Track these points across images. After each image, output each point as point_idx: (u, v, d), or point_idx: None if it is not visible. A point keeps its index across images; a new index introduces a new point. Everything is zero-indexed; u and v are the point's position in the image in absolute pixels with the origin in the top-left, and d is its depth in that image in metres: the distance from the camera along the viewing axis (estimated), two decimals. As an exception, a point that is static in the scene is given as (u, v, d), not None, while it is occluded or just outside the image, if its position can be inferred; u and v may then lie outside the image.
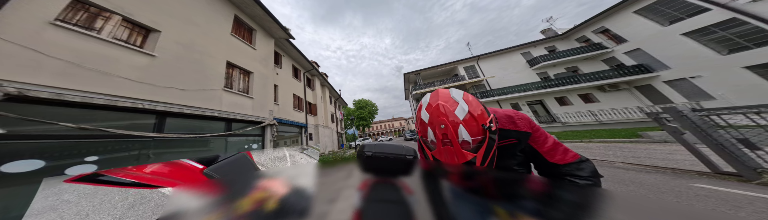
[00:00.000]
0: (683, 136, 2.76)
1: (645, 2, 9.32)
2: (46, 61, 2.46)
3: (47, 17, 2.58)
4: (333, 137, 15.69)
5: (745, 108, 2.27)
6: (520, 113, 0.72)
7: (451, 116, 0.50)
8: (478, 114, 0.52)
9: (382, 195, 0.64)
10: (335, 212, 0.46)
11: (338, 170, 0.81)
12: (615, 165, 3.41)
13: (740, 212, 1.67)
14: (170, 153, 3.46)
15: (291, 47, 9.70)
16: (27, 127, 2.22)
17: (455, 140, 0.50)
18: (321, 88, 15.51)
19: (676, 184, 2.35)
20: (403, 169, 0.72)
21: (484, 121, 0.51)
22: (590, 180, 0.63)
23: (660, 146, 4.83)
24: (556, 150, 0.67)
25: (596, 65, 12.00)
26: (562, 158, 0.66)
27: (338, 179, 0.71)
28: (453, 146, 0.50)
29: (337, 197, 0.56)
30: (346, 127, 26.87)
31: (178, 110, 3.64)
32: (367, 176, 0.77)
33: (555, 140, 0.70)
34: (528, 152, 0.71)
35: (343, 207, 0.48)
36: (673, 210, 0.29)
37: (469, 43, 22.18)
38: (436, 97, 0.56)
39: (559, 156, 0.67)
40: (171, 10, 4.17)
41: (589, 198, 0.44)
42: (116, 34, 3.29)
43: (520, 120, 0.69)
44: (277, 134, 6.69)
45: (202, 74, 4.44)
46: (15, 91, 2.13)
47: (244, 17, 6.49)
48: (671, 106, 2.65)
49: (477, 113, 0.52)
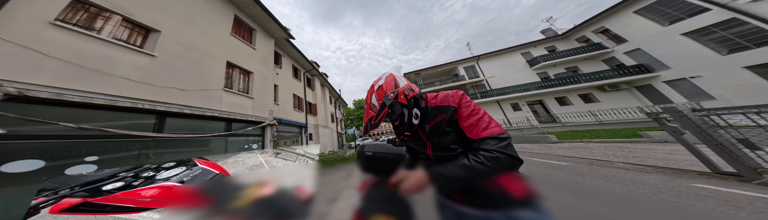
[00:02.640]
0: (683, 136, 2.76)
1: (645, 2, 9.33)
2: (46, 61, 2.46)
3: (47, 17, 2.58)
4: (333, 137, 15.69)
5: (745, 108, 2.27)
6: (458, 91, 0.75)
7: (371, 89, 0.74)
8: (385, 88, 0.69)
9: (382, 195, 0.64)
10: (335, 212, 0.46)
11: (338, 170, 0.81)
12: (615, 165, 3.41)
13: (740, 212, 1.67)
14: (170, 153, 3.46)
15: (291, 47, 9.71)
16: (27, 127, 2.22)
17: (368, 102, 0.70)
18: (321, 88, 15.51)
19: (676, 184, 2.34)
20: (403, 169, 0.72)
21: (387, 92, 0.68)
22: (486, 155, 0.55)
23: (660, 146, 4.83)
24: (477, 125, 0.63)
25: (596, 65, 12.00)
26: (478, 134, 0.61)
27: (338, 179, 0.72)
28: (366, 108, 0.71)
29: (337, 197, 0.56)
30: (346, 127, 26.86)
31: (178, 110, 3.64)
32: (367, 176, 0.77)
33: (484, 116, 0.66)
34: (457, 127, 0.69)
35: (343, 207, 0.48)
36: (673, 210, 0.29)
37: (469, 43, 22.17)
38: (378, 81, 0.75)
39: (477, 131, 0.62)
40: (171, 10, 4.17)
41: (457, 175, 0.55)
42: (116, 34, 3.29)
43: (452, 97, 0.72)
44: (277, 134, 6.69)
45: (202, 74, 4.44)
46: (15, 91, 2.13)
47: (244, 17, 6.49)
48: (671, 106, 2.64)
49: (386, 87, 0.69)
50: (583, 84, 10.91)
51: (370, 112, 0.68)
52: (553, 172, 3.31)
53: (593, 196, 0.41)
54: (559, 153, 5.05)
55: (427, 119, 0.73)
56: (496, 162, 0.55)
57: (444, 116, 0.69)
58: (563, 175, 3.10)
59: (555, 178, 2.95)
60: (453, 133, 0.68)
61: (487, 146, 0.58)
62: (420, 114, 0.73)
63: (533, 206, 0.58)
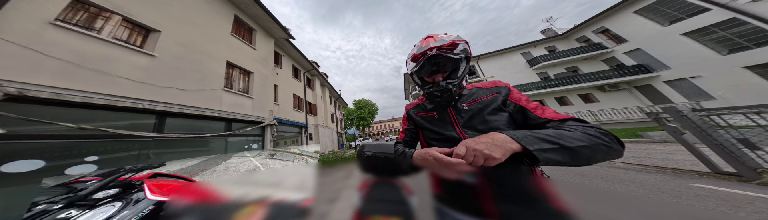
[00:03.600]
0: (683, 136, 2.76)
1: (645, 2, 9.32)
2: (46, 61, 2.46)
3: (47, 17, 2.58)
4: (333, 137, 15.69)
5: (745, 108, 2.27)
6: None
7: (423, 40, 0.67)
8: (453, 42, 0.62)
9: (382, 195, 0.64)
10: (335, 212, 0.46)
11: (338, 170, 0.80)
12: (615, 165, 3.41)
13: (740, 212, 1.67)
14: (170, 153, 3.46)
15: (291, 47, 9.70)
16: (27, 127, 2.21)
17: (429, 44, 0.62)
18: (321, 88, 15.50)
19: (676, 184, 2.35)
20: (403, 169, 0.72)
21: (456, 42, 0.62)
22: (591, 128, 0.44)
23: (660, 146, 4.83)
24: (544, 108, 0.58)
25: (596, 65, 11.99)
26: (555, 115, 0.55)
27: (338, 179, 0.71)
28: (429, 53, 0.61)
29: (337, 197, 0.56)
30: (346, 127, 26.87)
31: (178, 110, 3.64)
32: (367, 176, 0.77)
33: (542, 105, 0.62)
34: (513, 110, 0.63)
35: (343, 207, 0.48)
36: (672, 210, 0.29)
37: (469, 43, 22.15)
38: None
39: (551, 113, 0.56)
40: (171, 10, 4.17)
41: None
42: (116, 34, 3.29)
43: (501, 82, 0.71)
44: (277, 133, 6.69)
45: (202, 74, 4.44)
46: (15, 91, 2.13)
47: (244, 17, 6.49)
48: (671, 106, 2.64)
49: (454, 42, 0.62)
50: (583, 84, 10.91)
51: (428, 44, 0.62)
52: (554, 172, 3.31)
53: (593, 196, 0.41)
54: (559, 153, 5.04)
55: (464, 99, 0.68)
56: (608, 139, 0.41)
57: (495, 95, 0.65)
58: (563, 175, 3.10)
59: (555, 178, 2.95)
60: (507, 114, 0.62)
61: (576, 124, 0.47)
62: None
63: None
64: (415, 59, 0.65)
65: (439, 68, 0.64)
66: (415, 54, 0.64)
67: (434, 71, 0.65)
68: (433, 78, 0.67)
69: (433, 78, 0.67)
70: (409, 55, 0.68)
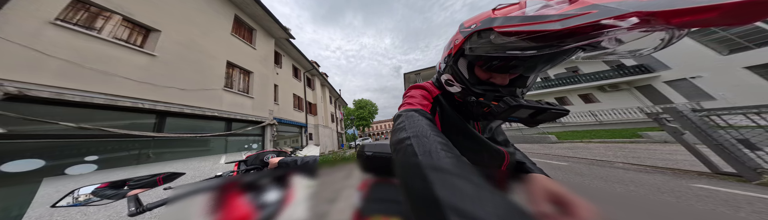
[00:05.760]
0: (683, 136, 2.76)
1: (645, 2, 9.32)
2: (47, 61, 2.46)
3: (48, 17, 2.58)
4: (333, 136, 15.69)
5: (745, 108, 2.26)
6: None
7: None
8: None
9: (381, 195, 0.64)
10: (335, 212, 0.46)
11: (338, 170, 0.80)
12: (615, 165, 3.41)
13: (740, 212, 1.67)
14: (170, 153, 3.46)
15: (291, 47, 9.70)
16: (27, 126, 2.22)
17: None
18: (321, 88, 15.51)
19: (676, 184, 2.34)
20: None
21: None
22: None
23: (660, 147, 4.83)
24: None
25: (596, 65, 11.99)
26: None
27: (338, 179, 0.71)
28: None
29: (337, 197, 0.56)
30: (346, 127, 26.89)
31: (178, 110, 3.64)
32: (367, 176, 0.77)
33: None
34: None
35: (343, 207, 0.48)
36: (672, 210, 0.29)
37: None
38: None
39: None
40: (171, 10, 4.17)
41: None
42: (116, 34, 3.29)
43: None
44: (277, 133, 6.69)
45: (202, 74, 4.44)
46: (15, 91, 2.13)
47: (244, 17, 6.49)
48: (671, 107, 2.64)
49: None
50: (583, 84, 10.91)
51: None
52: (553, 172, 3.31)
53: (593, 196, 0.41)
54: (558, 153, 5.04)
55: None
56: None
57: None
58: (563, 175, 3.10)
59: (555, 178, 2.95)
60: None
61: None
62: None
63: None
64: (576, 33, 0.27)
65: (547, 64, 0.38)
66: (598, 20, 0.24)
67: (530, 67, 0.39)
68: (498, 78, 0.43)
69: (498, 78, 0.43)
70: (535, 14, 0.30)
